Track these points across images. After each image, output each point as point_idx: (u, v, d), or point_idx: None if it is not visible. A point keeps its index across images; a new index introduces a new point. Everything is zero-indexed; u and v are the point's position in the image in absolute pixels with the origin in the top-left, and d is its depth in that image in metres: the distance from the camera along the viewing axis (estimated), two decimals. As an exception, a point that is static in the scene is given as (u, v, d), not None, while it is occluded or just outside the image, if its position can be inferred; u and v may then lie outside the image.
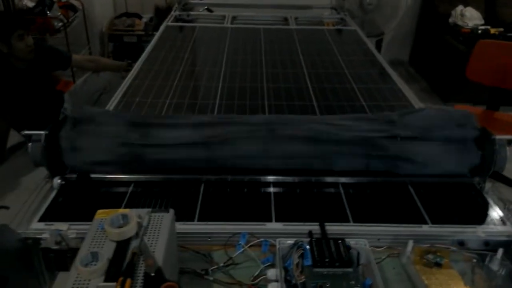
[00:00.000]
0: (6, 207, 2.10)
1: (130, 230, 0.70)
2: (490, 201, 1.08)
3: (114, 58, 3.92)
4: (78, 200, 1.06)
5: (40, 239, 0.89)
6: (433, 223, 1.00)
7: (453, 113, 1.19)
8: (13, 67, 2.39)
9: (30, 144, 1.05)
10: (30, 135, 1.06)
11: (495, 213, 1.04)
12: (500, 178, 1.14)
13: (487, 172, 1.10)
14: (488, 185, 1.11)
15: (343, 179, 1.13)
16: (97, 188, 1.10)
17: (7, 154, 2.60)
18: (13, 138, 2.61)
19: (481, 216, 1.03)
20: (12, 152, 2.63)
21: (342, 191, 1.09)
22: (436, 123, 1.14)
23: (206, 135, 1.12)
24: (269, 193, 1.09)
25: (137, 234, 0.71)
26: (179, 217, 0.85)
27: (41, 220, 0.98)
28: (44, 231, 0.90)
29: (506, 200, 1.08)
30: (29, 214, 0.99)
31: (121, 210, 0.74)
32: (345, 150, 1.12)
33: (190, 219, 0.99)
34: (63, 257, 0.89)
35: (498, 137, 1.08)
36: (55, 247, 0.88)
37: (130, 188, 1.09)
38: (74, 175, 1.11)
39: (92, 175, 1.11)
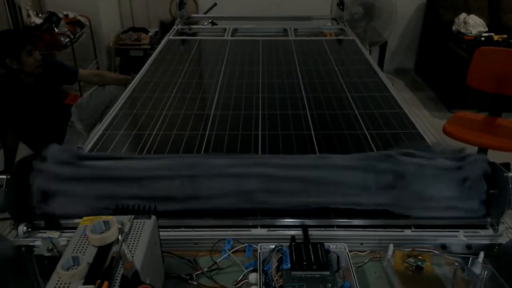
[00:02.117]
0: (10, 218, 2.14)
1: (110, 235, 0.73)
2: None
3: (121, 72, 4.01)
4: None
5: (33, 246, 0.92)
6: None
7: (461, 152, 1.10)
8: (22, 82, 2.46)
9: None
10: None
11: None
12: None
13: (500, 212, 0.99)
14: (502, 226, 1.00)
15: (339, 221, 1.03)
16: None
17: None
18: (22, 151, 2.68)
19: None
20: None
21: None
22: (442, 162, 1.06)
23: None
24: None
25: (118, 240, 0.74)
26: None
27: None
28: (37, 239, 0.93)
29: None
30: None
31: (104, 217, 0.77)
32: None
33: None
34: (55, 263, 0.92)
35: None
36: (48, 254, 0.92)
37: None
38: (42, 221, 1.01)
39: (62, 221, 1.01)
